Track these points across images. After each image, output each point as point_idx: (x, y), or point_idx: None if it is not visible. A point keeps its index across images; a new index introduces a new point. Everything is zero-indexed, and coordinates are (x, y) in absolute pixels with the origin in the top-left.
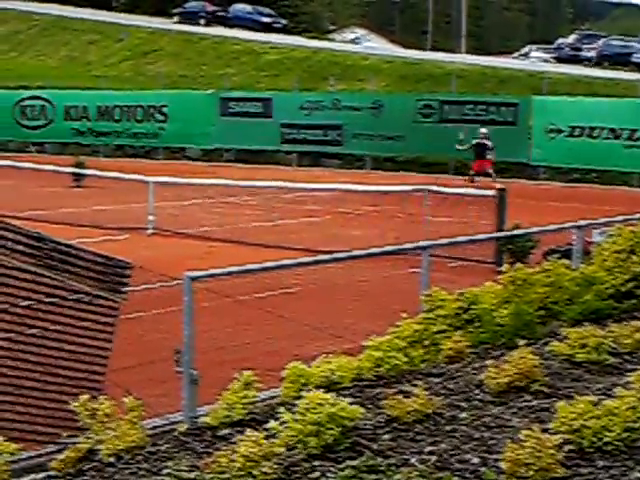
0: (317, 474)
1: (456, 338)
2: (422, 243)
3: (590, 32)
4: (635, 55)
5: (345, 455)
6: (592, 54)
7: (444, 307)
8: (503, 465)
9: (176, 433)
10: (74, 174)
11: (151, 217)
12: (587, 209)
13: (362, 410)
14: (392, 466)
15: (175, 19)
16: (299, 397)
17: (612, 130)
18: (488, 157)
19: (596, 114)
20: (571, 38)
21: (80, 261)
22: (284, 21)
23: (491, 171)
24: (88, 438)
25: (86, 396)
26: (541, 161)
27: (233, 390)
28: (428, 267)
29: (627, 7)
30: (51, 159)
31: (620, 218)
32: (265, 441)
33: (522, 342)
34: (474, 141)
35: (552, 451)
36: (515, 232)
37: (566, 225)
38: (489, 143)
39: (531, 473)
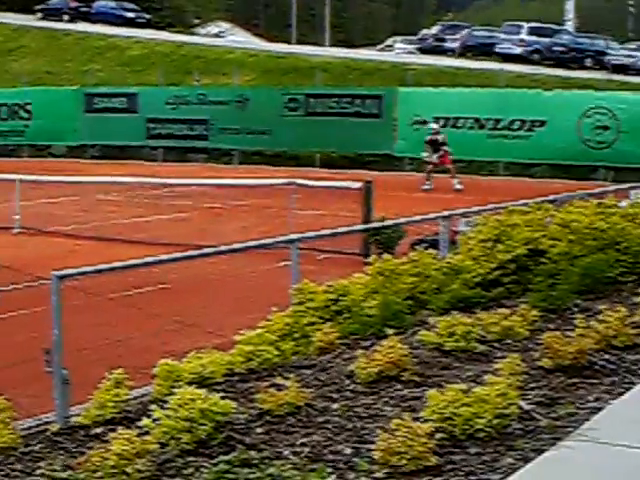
0: (191, 470)
1: (326, 330)
2: (290, 236)
3: (454, 23)
4: (498, 45)
5: (219, 450)
6: (456, 45)
7: (314, 299)
8: (376, 455)
9: (48, 433)
10: None
11: (17, 216)
12: (452, 199)
13: (234, 405)
14: (266, 459)
15: (38, 15)
16: (171, 394)
17: (476, 120)
18: (442, 152)
19: (460, 104)
20: (434, 29)
21: None
22: (148, 16)
23: (450, 166)
24: None
25: None
26: (406, 152)
27: (104, 389)
28: (297, 260)
29: None
30: None
31: (485, 207)
32: (138, 439)
33: (391, 332)
34: (427, 138)
35: (424, 439)
36: (382, 223)
37: (431, 215)
38: (440, 137)
39: (404, 462)
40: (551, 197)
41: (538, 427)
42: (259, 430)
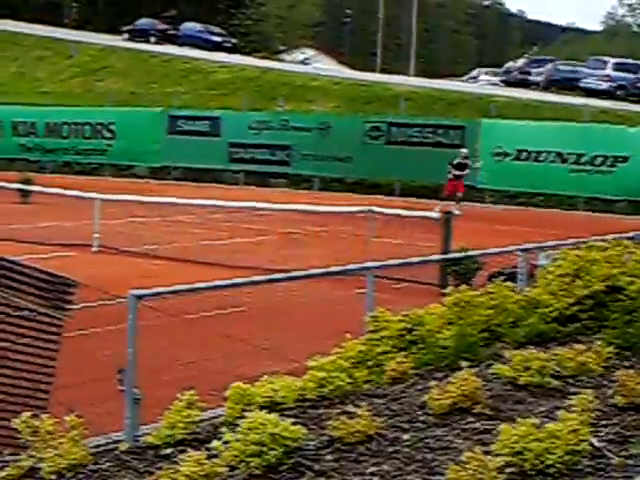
0: None
1: (400, 359)
2: (367, 264)
3: (538, 56)
4: (582, 80)
5: (287, 475)
6: (540, 78)
7: (388, 328)
8: None
9: (118, 452)
10: (21, 190)
11: (97, 234)
12: (533, 232)
13: (305, 430)
14: None
15: (125, 36)
16: (242, 417)
17: (559, 154)
18: (462, 178)
19: (543, 138)
20: (520, 62)
21: (25, 278)
22: (234, 40)
23: (460, 195)
24: (30, 456)
25: (28, 413)
26: (487, 184)
27: (175, 409)
28: (373, 288)
29: (575, 32)
30: None
31: (566, 242)
32: (207, 461)
33: (465, 364)
34: (456, 160)
35: (494, 473)
36: (460, 254)
37: (511, 248)
38: (469, 162)
39: None
40: (630, 234)
41: (609, 465)
42: (329, 457)
